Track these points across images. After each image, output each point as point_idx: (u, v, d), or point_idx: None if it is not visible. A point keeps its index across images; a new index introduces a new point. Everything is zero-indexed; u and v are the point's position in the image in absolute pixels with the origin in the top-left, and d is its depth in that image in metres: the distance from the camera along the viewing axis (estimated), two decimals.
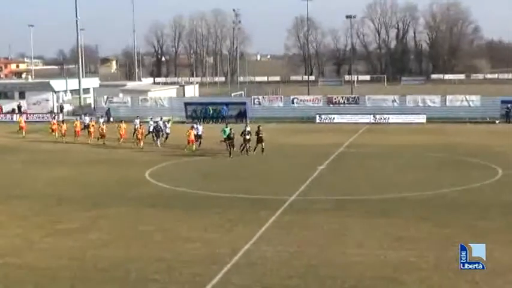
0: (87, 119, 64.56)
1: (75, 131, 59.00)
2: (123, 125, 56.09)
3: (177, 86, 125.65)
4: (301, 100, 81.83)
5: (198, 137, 51.74)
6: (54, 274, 20.95)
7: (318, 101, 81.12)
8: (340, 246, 23.61)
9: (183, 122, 75.49)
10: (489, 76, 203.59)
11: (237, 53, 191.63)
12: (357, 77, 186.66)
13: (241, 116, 77.59)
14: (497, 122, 73.16)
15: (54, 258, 22.65)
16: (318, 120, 75.74)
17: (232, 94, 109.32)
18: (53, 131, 60.66)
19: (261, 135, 47.85)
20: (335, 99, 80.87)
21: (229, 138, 47.45)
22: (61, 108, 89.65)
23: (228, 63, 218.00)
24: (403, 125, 71.28)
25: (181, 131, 54.19)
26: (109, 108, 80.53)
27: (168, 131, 56.30)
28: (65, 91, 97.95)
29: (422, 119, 74.67)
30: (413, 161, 44.83)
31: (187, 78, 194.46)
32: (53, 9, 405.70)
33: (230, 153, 46.71)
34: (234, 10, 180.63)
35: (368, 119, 75.15)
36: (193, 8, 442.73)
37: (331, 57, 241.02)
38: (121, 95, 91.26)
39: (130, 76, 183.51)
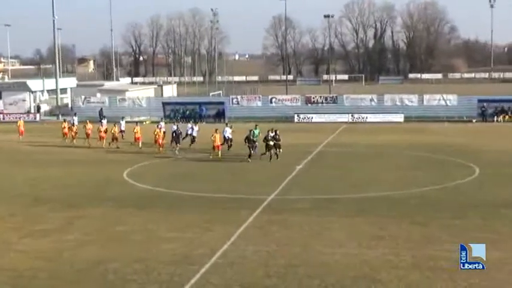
0: (104, 122, 59.32)
1: (86, 133, 55.05)
2: (138, 127, 53.38)
3: (155, 86, 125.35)
4: (279, 100, 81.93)
5: (226, 140, 49.22)
6: (32, 275, 20.81)
7: (296, 100, 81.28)
8: (319, 246, 23.64)
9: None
10: (466, 75, 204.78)
11: (215, 52, 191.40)
12: (335, 77, 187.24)
13: (220, 115, 77.68)
14: (474, 121, 73.72)
15: (31, 259, 22.49)
16: (296, 120, 75.96)
17: (211, 94, 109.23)
18: (64, 135, 56.65)
19: (278, 141, 45.21)
20: (313, 98, 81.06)
21: (249, 141, 45.36)
22: (38, 108, 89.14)
23: (206, 63, 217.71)
24: (381, 124, 71.63)
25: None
26: (102, 108, 79.76)
27: (195, 134, 51.90)
28: (42, 91, 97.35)
29: (400, 118, 75.11)
30: (391, 160, 44.98)
31: (165, 78, 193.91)
32: (29, 9, 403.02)
33: (250, 156, 44.63)
34: (212, 10, 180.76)
35: (346, 118, 75.46)
36: (171, 7, 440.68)
37: (309, 56, 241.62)
38: (98, 94, 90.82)
39: (107, 76, 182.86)
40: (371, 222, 27.06)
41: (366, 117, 75.49)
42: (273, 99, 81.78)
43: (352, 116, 75.90)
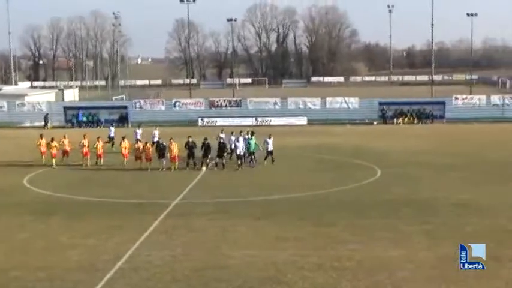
0: (112, 130, 53.73)
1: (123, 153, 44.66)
2: (150, 146, 43.96)
3: (56, 90, 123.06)
4: (183, 104, 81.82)
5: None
6: None
7: (200, 104, 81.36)
8: (225, 248, 23.66)
9: (63, 127, 74.04)
10: (367, 79, 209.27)
11: (117, 56, 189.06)
12: (239, 80, 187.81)
13: (123, 120, 76.80)
14: (375, 123, 75.28)
15: None
16: (200, 124, 75.78)
17: (113, 98, 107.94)
18: (64, 154, 45.51)
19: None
20: (217, 102, 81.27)
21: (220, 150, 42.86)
22: None
23: (108, 67, 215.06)
24: (285, 127, 72.24)
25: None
26: (47, 114, 77.71)
27: (139, 137, 47.44)
28: None
29: (303, 121, 76.02)
30: (295, 163, 45.37)
31: (67, 82, 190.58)
32: None
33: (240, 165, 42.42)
34: (113, 13, 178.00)
35: (250, 121, 75.73)
36: (72, 10, 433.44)
37: (213, 60, 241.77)
38: None
39: (6, 80, 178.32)
40: (276, 224, 27.25)
41: (270, 121, 76.10)
42: (177, 103, 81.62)
43: (256, 119, 76.34)
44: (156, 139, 47.31)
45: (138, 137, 48.23)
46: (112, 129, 54.09)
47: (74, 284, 20.12)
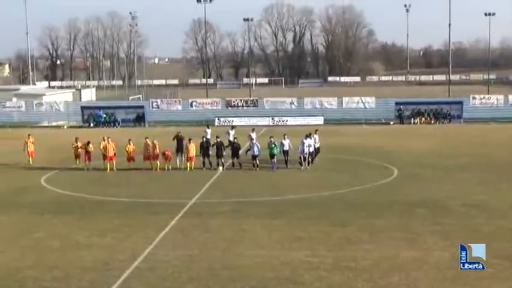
0: (208, 132, 50.24)
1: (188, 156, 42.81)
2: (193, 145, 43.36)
3: (73, 90, 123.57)
4: (200, 103, 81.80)
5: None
6: None
7: (217, 104, 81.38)
8: (240, 248, 23.70)
9: (80, 127, 74.46)
10: (383, 78, 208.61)
11: (134, 56, 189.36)
12: (255, 80, 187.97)
13: (140, 120, 77.04)
14: (391, 123, 75.06)
15: None
16: (217, 123, 75.84)
17: (130, 97, 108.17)
18: (76, 156, 44.91)
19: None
20: (234, 102, 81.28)
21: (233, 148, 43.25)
22: None
23: (125, 67, 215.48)
24: (301, 126, 72.07)
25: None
26: (90, 113, 78.30)
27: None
28: None
29: (319, 120, 75.88)
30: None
31: (84, 81, 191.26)
32: None
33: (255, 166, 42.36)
34: (130, 13, 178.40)
35: (267, 121, 75.81)
36: (89, 10, 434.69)
37: (229, 60, 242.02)
38: (14, 99, 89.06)
39: (24, 80, 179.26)
40: (290, 224, 27.26)
41: (286, 120, 76.10)
42: (194, 103, 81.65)
43: (272, 119, 76.38)
44: (254, 141, 45.52)
45: (231, 138, 48.01)
46: (208, 131, 50.59)
47: (90, 283, 20.21)
